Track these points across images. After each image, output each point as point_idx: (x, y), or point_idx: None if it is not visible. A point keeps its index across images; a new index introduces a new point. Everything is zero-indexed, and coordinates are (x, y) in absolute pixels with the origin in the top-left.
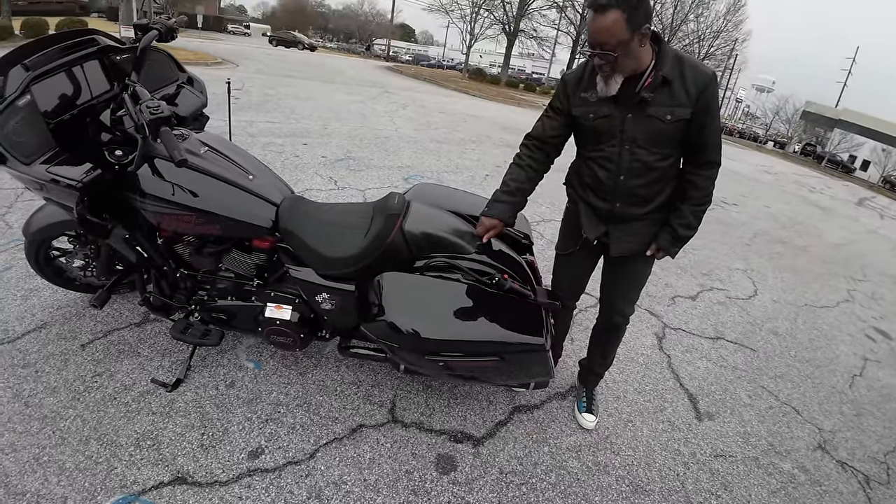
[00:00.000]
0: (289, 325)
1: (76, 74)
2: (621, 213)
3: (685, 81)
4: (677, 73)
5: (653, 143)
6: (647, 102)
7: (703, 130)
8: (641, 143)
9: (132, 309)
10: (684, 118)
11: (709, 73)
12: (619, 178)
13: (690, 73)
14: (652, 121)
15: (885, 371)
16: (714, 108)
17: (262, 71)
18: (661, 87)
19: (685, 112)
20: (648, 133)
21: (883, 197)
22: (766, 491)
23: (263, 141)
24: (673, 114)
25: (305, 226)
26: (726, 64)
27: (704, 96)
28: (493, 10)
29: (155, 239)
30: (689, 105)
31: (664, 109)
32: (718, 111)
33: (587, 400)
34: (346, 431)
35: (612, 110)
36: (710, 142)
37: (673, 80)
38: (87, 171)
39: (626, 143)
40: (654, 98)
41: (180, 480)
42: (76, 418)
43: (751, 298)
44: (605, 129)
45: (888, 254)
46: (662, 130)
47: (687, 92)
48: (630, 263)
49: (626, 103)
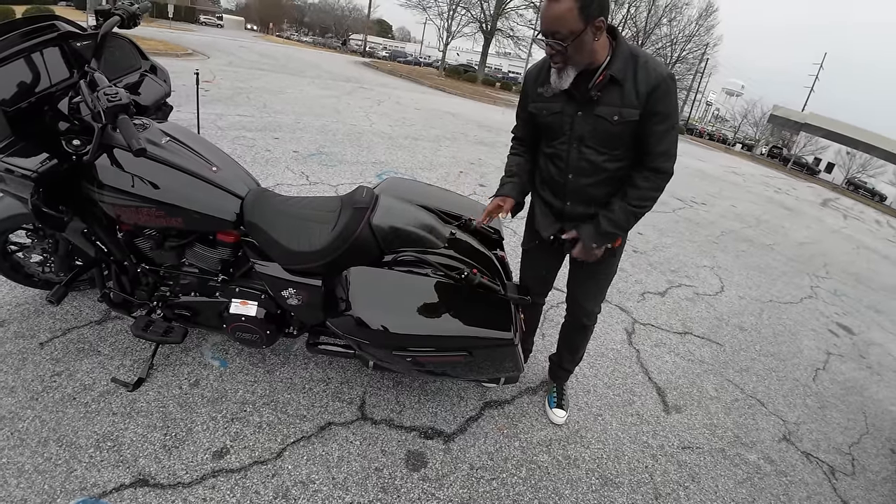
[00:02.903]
0: (255, 321)
1: (35, 61)
2: (572, 212)
3: (637, 82)
4: (630, 73)
5: (601, 143)
6: (595, 101)
7: (649, 135)
8: (589, 143)
9: (92, 306)
10: (632, 119)
11: (662, 73)
12: (568, 176)
13: (643, 73)
14: (600, 120)
15: (847, 365)
16: (665, 111)
17: (234, 63)
18: (610, 86)
19: (633, 113)
20: (596, 133)
21: (846, 198)
22: (732, 482)
23: (233, 134)
24: (620, 115)
25: (271, 219)
26: (697, 67)
27: (654, 97)
28: (471, 9)
29: (114, 232)
30: (637, 106)
31: (612, 109)
32: (672, 116)
33: (557, 395)
34: (314, 429)
35: (563, 107)
36: (654, 148)
37: (624, 80)
38: (42, 162)
39: (573, 140)
40: (603, 97)
41: (142, 482)
42: (35, 419)
43: (718, 294)
44: (556, 126)
45: (851, 253)
46: (610, 131)
47: (637, 92)
48: (590, 263)
49: (576, 100)
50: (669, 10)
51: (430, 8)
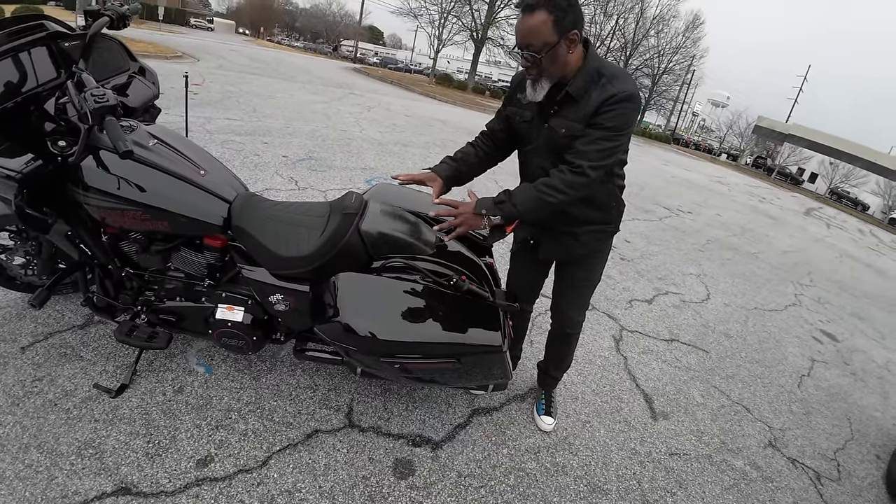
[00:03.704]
0: (241, 327)
1: (22, 60)
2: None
3: (590, 101)
4: (589, 91)
5: (552, 154)
6: (552, 114)
7: (582, 137)
8: (543, 153)
9: (75, 310)
10: (576, 135)
11: (614, 91)
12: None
13: (599, 92)
14: (551, 131)
15: (831, 371)
16: (607, 124)
17: (224, 67)
18: (568, 102)
19: (578, 129)
20: (548, 144)
21: (829, 208)
22: (719, 488)
23: (222, 138)
24: (567, 128)
25: (259, 224)
26: (684, 79)
27: (600, 110)
28: (462, 17)
29: (99, 235)
30: (583, 122)
31: (563, 122)
32: (613, 129)
33: (546, 402)
34: (300, 437)
35: (532, 116)
36: (579, 146)
37: (580, 98)
38: (27, 162)
39: (534, 150)
40: (559, 111)
41: (124, 491)
42: (15, 425)
43: (704, 302)
44: (525, 134)
45: (834, 261)
46: (558, 143)
47: (588, 110)
48: (568, 269)
49: (543, 112)
50: (657, 22)
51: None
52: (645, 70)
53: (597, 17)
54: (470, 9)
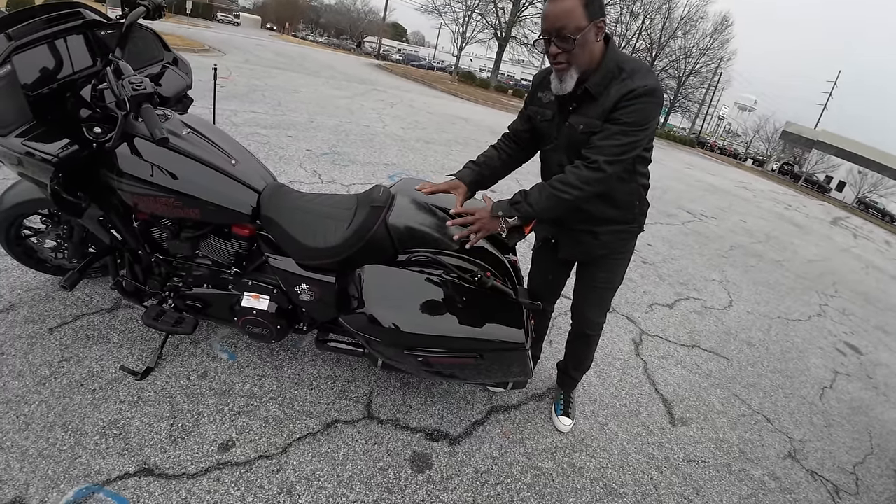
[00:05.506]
0: (265, 315)
1: (59, 47)
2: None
3: (609, 96)
4: (607, 87)
5: (572, 152)
6: (572, 111)
7: (599, 132)
8: (563, 151)
9: (104, 294)
10: (595, 131)
11: (634, 85)
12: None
13: (618, 87)
14: (570, 129)
15: (854, 384)
16: (626, 119)
17: (250, 61)
18: (587, 98)
19: (597, 125)
20: (568, 142)
21: (857, 217)
22: (737, 497)
23: (247, 131)
24: (586, 125)
25: (287, 214)
26: (711, 81)
27: (619, 105)
28: (486, 15)
29: (130, 221)
30: (602, 118)
31: (582, 119)
32: (632, 125)
33: (564, 403)
34: (320, 426)
35: (553, 114)
36: (596, 141)
37: (599, 94)
38: (63, 147)
39: (555, 148)
40: (578, 108)
41: (146, 472)
42: (41, 403)
43: (726, 309)
44: (546, 132)
45: (860, 272)
46: (577, 141)
47: (606, 105)
48: (589, 269)
49: (560, 110)
50: (685, 22)
51: (446, 13)
52: (671, 72)
53: (623, 17)
54: (494, 6)
